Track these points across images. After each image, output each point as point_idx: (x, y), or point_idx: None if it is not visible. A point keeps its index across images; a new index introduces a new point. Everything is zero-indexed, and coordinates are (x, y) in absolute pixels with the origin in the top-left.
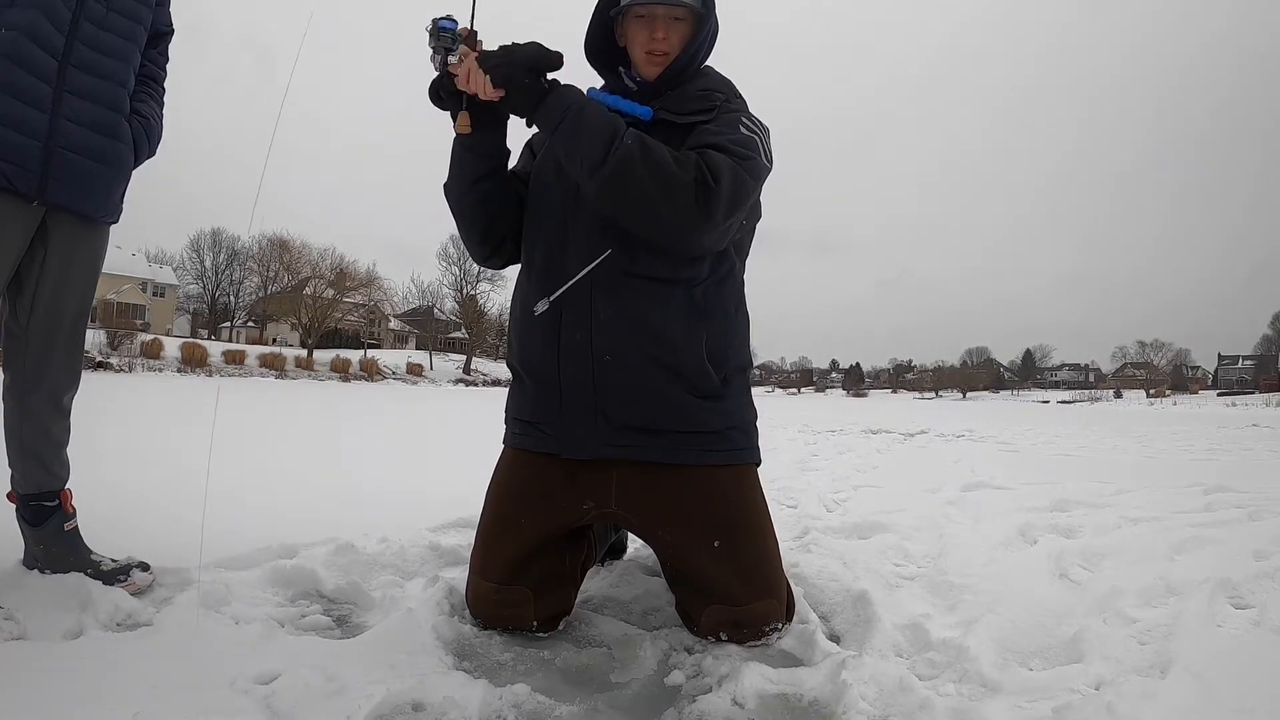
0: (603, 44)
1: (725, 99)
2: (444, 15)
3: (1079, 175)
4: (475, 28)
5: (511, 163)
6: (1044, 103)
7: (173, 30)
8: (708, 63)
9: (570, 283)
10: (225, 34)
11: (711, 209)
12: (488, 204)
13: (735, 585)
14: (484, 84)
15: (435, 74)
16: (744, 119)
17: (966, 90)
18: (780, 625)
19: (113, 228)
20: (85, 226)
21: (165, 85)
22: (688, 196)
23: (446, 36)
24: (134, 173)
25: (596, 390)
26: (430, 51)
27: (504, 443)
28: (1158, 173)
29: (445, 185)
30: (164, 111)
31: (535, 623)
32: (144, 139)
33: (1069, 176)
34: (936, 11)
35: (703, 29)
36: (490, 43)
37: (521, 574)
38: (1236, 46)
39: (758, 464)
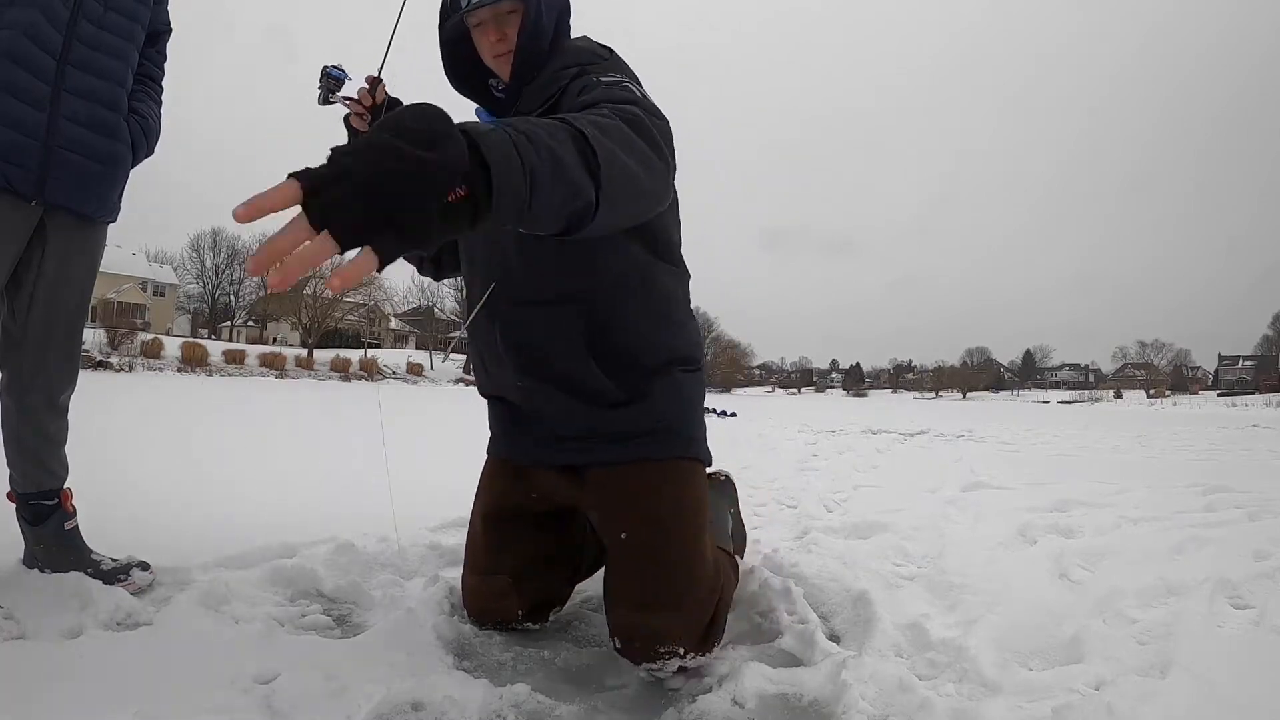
0: (463, 68)
1: (579, 71)
2: (333, 65)
3: (1081, 178)
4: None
5: None
6: (1047, 105)
7: (170, 29)
8: (584, 34)
9: (470, 318)
10: (229, 29)
11: (663, 151)
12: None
13: (632, 586)
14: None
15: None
16: (600, 78)
17: (970, 92)
18: (683, 651)
19: (112, 227)
20: (83, 225)
21: (163, 84)
22: (645, 148)
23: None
24: (133, 171)
25: (527, 410)
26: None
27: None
28: (1159, 176)
29: (418, 269)
30: (162, 110)
31: (520, 612)
32: (142, 138)
33: (1071, 179)
34: (938, 14)
35: (531, 10)
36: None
37: (499, 563)
38: (1241, 50)
39: (698, 460)
